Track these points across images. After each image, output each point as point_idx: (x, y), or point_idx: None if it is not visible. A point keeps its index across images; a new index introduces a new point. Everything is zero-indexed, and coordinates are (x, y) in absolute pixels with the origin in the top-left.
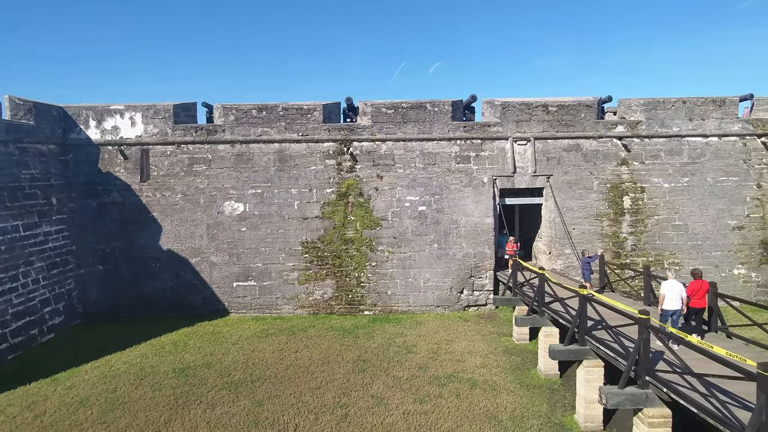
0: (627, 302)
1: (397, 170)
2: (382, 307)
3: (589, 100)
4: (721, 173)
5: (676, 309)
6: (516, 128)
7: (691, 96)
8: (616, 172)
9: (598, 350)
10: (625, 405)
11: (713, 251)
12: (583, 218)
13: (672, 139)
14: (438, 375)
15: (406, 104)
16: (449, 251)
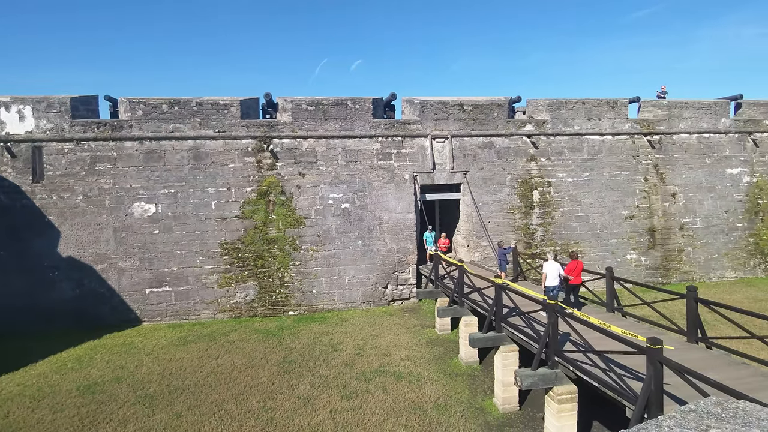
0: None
1: (319, 167)
2: (308, 307)
3: (501, 100)
4: (615, 168)
5: (555, 285)
6: (434, 126)
7: (589, 97)
8: (526, 167)
9: (513, 336)
10: (538, 385)
11: (610, 239)
12: (498, 212)
13: (574, 137)
14: (364, 370)
15: (327, 101)
16: (373, 247)
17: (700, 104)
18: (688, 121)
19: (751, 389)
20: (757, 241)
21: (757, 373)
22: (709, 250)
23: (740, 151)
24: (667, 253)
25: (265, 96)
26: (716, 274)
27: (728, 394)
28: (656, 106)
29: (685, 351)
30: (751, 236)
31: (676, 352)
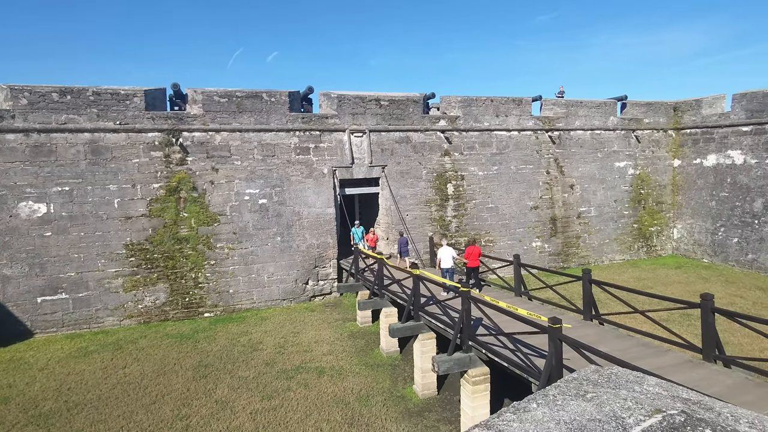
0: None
1: (234, 162)
2: (225, 307)
3: (416, 96)
4: (520, 162)
5: (449, 267)
6: (352, 121)
7: (497, 96)
8: (440, 162)
9: (431, 324)
10: (454, 369)
11: (517, 228)
12: (415, 205)
13: (484, 133)
14: (286, 368)
15: (241, 93)
16: (293, 243)
17: (592, 103)
18: (582, 118)
19: (632, 358)
20: (640, 227)
21: (639, 343)
22: (601, 236)
23: (626, 147)
24: (567, 240)
25: (172, 86)
26: (608, 257)
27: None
28: (556, 105)
29: (581, 328)
30: (635, 222)
31: (573, 329)
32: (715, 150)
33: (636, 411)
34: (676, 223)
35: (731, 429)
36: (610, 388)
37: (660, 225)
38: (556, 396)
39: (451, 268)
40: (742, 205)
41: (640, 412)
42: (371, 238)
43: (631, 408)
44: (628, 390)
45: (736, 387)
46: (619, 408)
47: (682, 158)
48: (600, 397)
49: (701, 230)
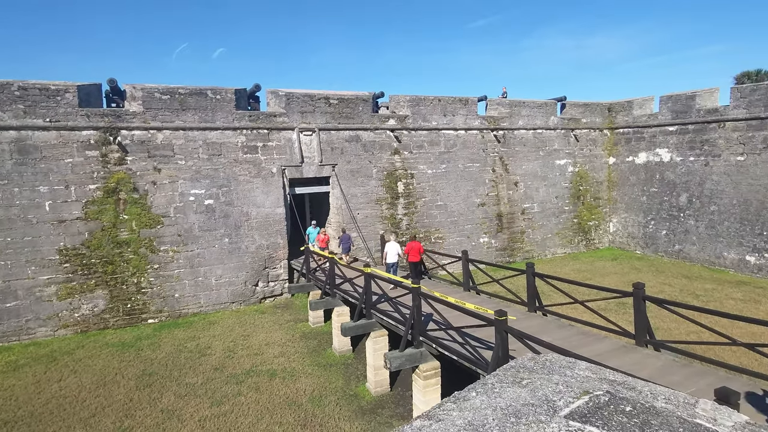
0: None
1: (178, 162)
2: (170, 313)
3: (365, 95)
4: (468, 160)
5: (394, 262)
6: (301, 119)
7: (445, 95)
8: (390, 160)
9: (383, 321)
10: (405, 365)
11: (466, 225)
12: (366, 203)
13: (432, 132)
14: (236, 373)
15: (185, 90)
16: (241, 244)
17: (534, 104)
18: (525, 118)
19: (573, 346)
20: (579, 222)
21: (580, 332)
22: (544, 231)
23: (565, 145)
24: (512, 235)
25: (109, 82)
26: (550, 251)
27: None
28: (500, 105)
29: (526, 319)
30: (575, 217)
31: (518, 321)
32: (645, 148)
33: (566, 394)
34: (611, 218)
35: (649, 405)
36: (544, 374)
37: (597, 219)
38: (495, 384)
39: (396, 263)
40: (670, 199)
41: (569, 395)
42: (322, 238)
43: (562, 391)
44: (561, 375)
45: (665, 368)
46: (551, 392)
47: (617, 156)
48: (534, 383)
49: (634, 224)
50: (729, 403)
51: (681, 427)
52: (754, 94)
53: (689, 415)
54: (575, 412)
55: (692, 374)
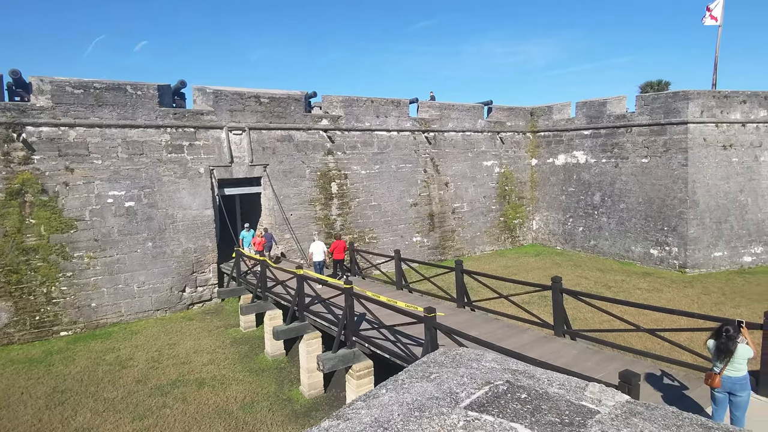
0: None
1: (93, 161)
2: (86, 324)
3: (298, 94)
4: (400, 161)
5: (321, 260)
6: (231, 118)
7: (378, 97)
8: (324, 161)
9: (316, 323)
10: (339, 366)
11: (399, 224)
12: (299, 204)
13: (365, 132)
14: (161, 384)
15: (101, 84)
16: (166, 249)
17: (463, 107)
18: (455, 121)
19: (498, 338)
20: (506, 220)
21: (505, 325)
22: (473, 230)
23: (492, 147)
24: (443, 234)
25: (11, 73)
26: (479, 248)
27: (481, 345)
28: (431, 107)
29: (455, 315)
30: (502, 216)
31: (448, 317)
32: (564, 151)
33: (469, 385)
34: (534, 216)
35: (543, 391)
36: (452, 367)
37: (522, 217)
38: (405, 380)
39: (322, 262)
40: (585, 198)
41: (472, 386)
42: (258, 241)
43: (466, 383)
44: (467, 367)
45: (580, 356)
46: (455, 384)
47: (538, 158)
48: (441, 376)
49: (555, 221)
50: (630, 384)
51: (567, 409)
52: (655, 102)
53: (576, 398)
54: (475, 403)
55: (603, 360)
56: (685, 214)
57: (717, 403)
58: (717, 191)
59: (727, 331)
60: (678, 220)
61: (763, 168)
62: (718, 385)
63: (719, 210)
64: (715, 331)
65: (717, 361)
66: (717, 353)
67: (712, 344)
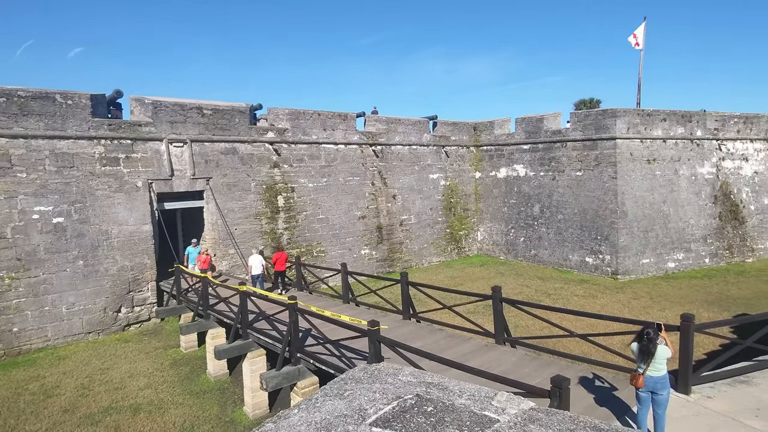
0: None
1: (17, 174)
2: (6, 350)
3: (242, 106)
4: (348, 174)
5: (259, 273)
6: (171, 129)
7: (324, 110)
8: (270, 174)
9: (260, 340)
10: (283, 384)
11: (347, 237)
12: (244, 218)
13: (312, 145)
14: (91, 413)
15: (26, 93)
16: (100, 267)
17: (409, 121)
18: (401, 134)
19: (441, 348)
20: (452, 231)
21: (448, 335)
22: (420, 241)
23: (438, 161)
24: (391, 246)
25: None
26: (427, 260)
27: (423, 356)
28: (378, 121)
29: (401, 327)
30: (448, 227)
31: (393, 329)
32: (505, 164)
33: (379, 401)
34: (479, 227)
35: (450, 403)
36: (368, 383)
37: (467, 229)
38: (318, 399)
39: (261, 275)
40: (526, 209)
41: (382, 402)
42: (204, 259)
43: (377, 399)
44: (382, 383)
45: (519, 363)
46: (366, 401)
47: (482, 171)
48: (355, 393)
49: (498, 232)
50: (561, 388)
51: (469, 420)
52: (587, 119)
53: (481, 409)
54: (381, 418)
55: (540, 366)
56: (615, 223)
57: (641, 402)
58: (643, 202)
59: (648, 334)
60: (609, 229)
61: (682, 180)
62: (642, 385)
63: (646, 219)
64: (638, 334)
65: (640, 363)
66: (640, 355)
67: (636, 347)
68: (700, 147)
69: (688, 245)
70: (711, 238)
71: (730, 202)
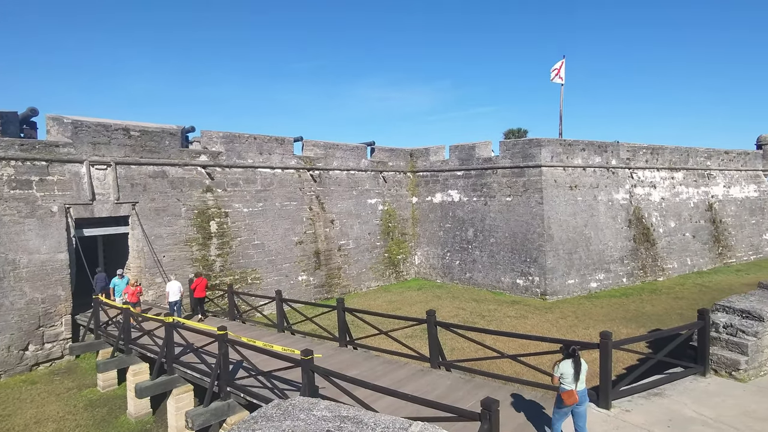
0: (215, 321)
1: None
2: None
3: (173, 128)
4: (285, 199)
5: (177, 300)
6: (93, 151)
7: (261, 134)
8: (202, 198)
9: (186, 375)
10: (211, 421)
11: (284, 263)
12: (173, 245)
13: (248, 169)
14: None
15: None
16: (5, 300)
17: (347, 147)
18: (339, 159)
19: (378, 376)
20: (390, 256)
21: (385, 361)
22: (359, 266)
23: (376, 186)
24: (330, 272)
25: None
26: (365, 284)
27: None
28: (316, 146)
29: (337, 355)
30: (386, 252)
31: (329, 356)
32: (440, 190)
33: None
34: (416, 251)
35: None
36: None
37: (405, 253)
38: None
39: (178, 301)
40: (461, 233)
41: None
42: (133, 291)
43: None
44: (294, 419)
45: (453, 386)
46: None
47: (418, 196)
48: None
49: (434, 256)
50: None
51: None
52: (515, 147)
53: None
54: None
55: (474, 388)
56: (543, 246)
57: (560, 417)
58: (567, 226)
59: (575, 351)
60: (538, 252)
61: (600, 206)
62: (577, 401)
63: (570, 242)
64: (567, 353)
65: (573, 379)
66: (575, 372)
67: (569, 364)
68: (615, 175)
69: (608, 266)
70: (627, 259)
71: (642, 226)
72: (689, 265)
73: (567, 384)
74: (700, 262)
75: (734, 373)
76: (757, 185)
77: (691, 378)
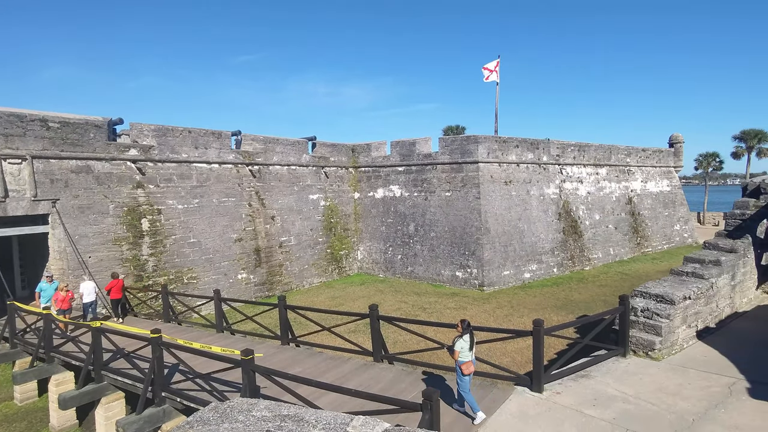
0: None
1: None
2: None
3: (99, 120)
4: (223, 195)
5: (93, 301)
6: (5, 144)
7: (196, 127)
8: (132, 195)
9: (117, 382)
10: (145, 429)
11: (222, 262)
12: (101, 244)
13: (182, 164)
14: None
15: None
16: None
17: (287, 141)
18: (280, 154)
19: (321, 372)
20: (332, 251)
21: (329, 357)
22: (301, 263)
23: (317, 181)
24: (271, 269)
25: None
26: (308, 281)
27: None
28: (255, 140)
29: (279, 353)
30: (329, 248)
31: (271, 355)
32: (382, 185)
33: None
34: (359, 246)
35: None
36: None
37: (347, 248)
38: None
39: (93, 302)
40: (402, 228)
41: None
42: (64, 297)
43: None
44: (232, 422)
45: (395, 379)
46: None
47: (360, 191)
48: None
49: (377, 251)
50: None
51: None
52: (453, 144)
53: None
54: None
55: (416, 380)
56: (480, 239)
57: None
58: (503, 220)
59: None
60: (475, 245)
61: (533, 200)
62: (474, 369)
63: (505, 235)
64: (464, 328)
65: (469, 352)
66: (471, 345)
67: (467, 338)
68: (546, 170)
69: (540, 257)
70: (557, 250)
71: (570, 219)
72: (612, 255)
73: (464, 356)
74: (622, 251)
75: (650, 353)
76: (669, 180)
77: (613, 359)
